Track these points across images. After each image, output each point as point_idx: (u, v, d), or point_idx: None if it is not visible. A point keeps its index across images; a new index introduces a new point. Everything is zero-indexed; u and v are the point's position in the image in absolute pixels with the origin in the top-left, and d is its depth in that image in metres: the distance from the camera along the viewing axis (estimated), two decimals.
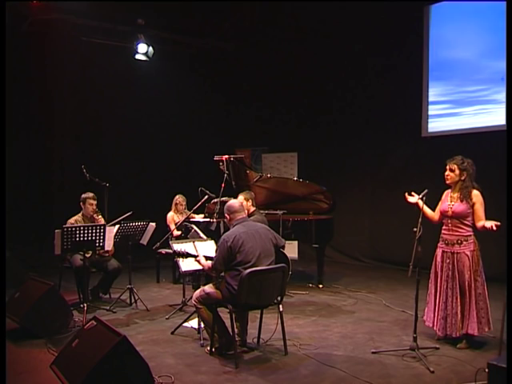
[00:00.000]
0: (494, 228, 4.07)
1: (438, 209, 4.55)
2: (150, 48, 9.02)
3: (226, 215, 4.39)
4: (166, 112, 9.86)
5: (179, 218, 7.11)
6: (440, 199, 4.54)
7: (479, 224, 4.28)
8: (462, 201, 4.32)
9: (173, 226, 6.92)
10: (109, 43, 9.01)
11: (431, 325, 4.47)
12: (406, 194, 4.51)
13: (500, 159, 5.38)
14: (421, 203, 4.38)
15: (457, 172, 4.34)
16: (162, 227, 6.82)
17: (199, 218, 7.20)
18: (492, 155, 6.67)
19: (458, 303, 4.28)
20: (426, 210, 4.51)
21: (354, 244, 9.03)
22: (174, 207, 7.36)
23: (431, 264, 4.55)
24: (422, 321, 4.53)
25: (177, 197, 7.40)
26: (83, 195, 6.07)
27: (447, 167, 4.39)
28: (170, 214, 7.31)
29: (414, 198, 4.46)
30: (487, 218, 4.31)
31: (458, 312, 4.27)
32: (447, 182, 4.42)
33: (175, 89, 9.77)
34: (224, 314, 4.34)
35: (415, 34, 8.02)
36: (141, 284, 7.01)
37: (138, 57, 9.05)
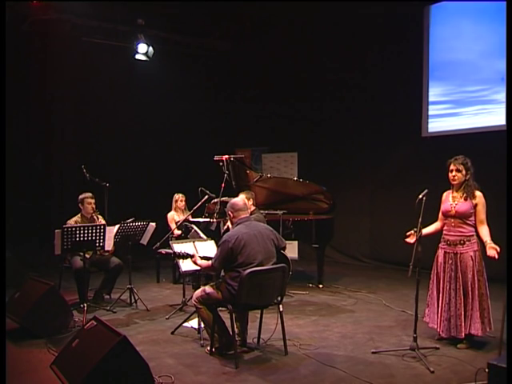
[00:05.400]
0: (496, 257, 4.05)
1: (440, 215, 4.53)
2: (150, 48, 9.02)
3: (229, 213, 4.36)
4: (165, 112, 9.85)
5: (180, 217, 7.12)
6: (440, 203, 4.52)
7: (481, 229, 4.28)
8: (465, 199, 4.31)
9: (173, 226, 6.92)
10: (109, 43, 9.01)
11: (435, 326, 4.46)
12: (407, 240, 4.42)
13: (500, 159, 5.37)
14: (419, 233, 4.24)
15: (463, 172, 4.32)
16: (162, 227, 6.81)
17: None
18: (492, 155, 6.67)
19: (462, 304, 4.27)
20: (428, 230, 4.50)
21: (354, 244, 9.03)
22: (174, 205, 7.38)
23: (431, 264, 4.54)
24: (422, 321, 4.52)
25: (176, 195, 7.42)
26: (80, 196, 6.08)
27: (453, 167, 4.34)
28: (171, 214, 7.33)
29: (412, 238, 4.37)
30: (488, 218, 4.32)
31: (462, 313, 4.26)
32: (454, 182, 4.37)
33: (175, 89, 9.77)
34: (224, 314, 4.34)
35: (415, 34, 8.02)
36: (141, 284, 7.01)
37: (138, 57, 9.05)
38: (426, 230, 4.49)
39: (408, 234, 4.43)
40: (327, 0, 8.46)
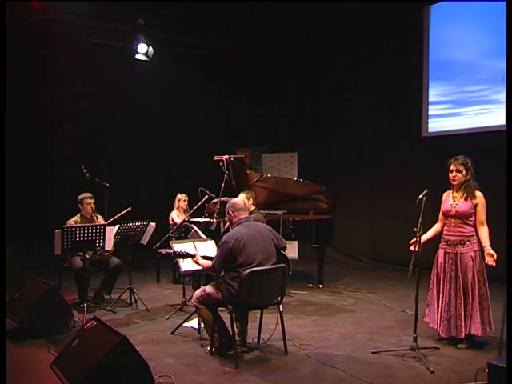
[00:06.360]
0: (494, 264, 4.09)
1: (440, 215, 4.52)
2: (150, 48, 9.03)
3: (229, 212, 4.35)
4: (166, 112, 9.86)
5: (182, 217, 7.15)
6: (440, 203, 4.51)
7: (481, 231, 4.28)
8: (466, 200, 4.31)
9: (178, 221, 6.97)
10: (109, 43, 9.01)
11: (435, 326, 4.46)
12: (410, 248, 4.35)
13: (500, 159, 5.37)
14: (419, 233, 4.22)
15: (464, 172, 4.32)
16: (162, 227, 6.82)
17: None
18: (492, 155, 6.67)
19: (462, 304, 4.27)
20: (427, 236, 4.49)
21: (354, 244, 9.03)
22: (176, 204, 7.43)
23: (431, 264, 4.54)
24: (422, 321, 4.52)
25: (179, 195, 7.47)
26: (80, 196, 6.08)
27: (453, 167, 4.33)
28: (173, 212, 7.38)
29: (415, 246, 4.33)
30: (488, 218, 4.32)
31: (462, 313, 4.25)
32: (454, 183, 4.36)
33: (175, 89, 9.77)
34: (224, 314, 4.34)
35: (415, 34, 8.02)
36: (141, 284, 7.01)
37: (138, 57, 9.06)
38: (425, 236, 4.47)
39: (411, 242, 4.35)
40: (327, 0, 8.46)
